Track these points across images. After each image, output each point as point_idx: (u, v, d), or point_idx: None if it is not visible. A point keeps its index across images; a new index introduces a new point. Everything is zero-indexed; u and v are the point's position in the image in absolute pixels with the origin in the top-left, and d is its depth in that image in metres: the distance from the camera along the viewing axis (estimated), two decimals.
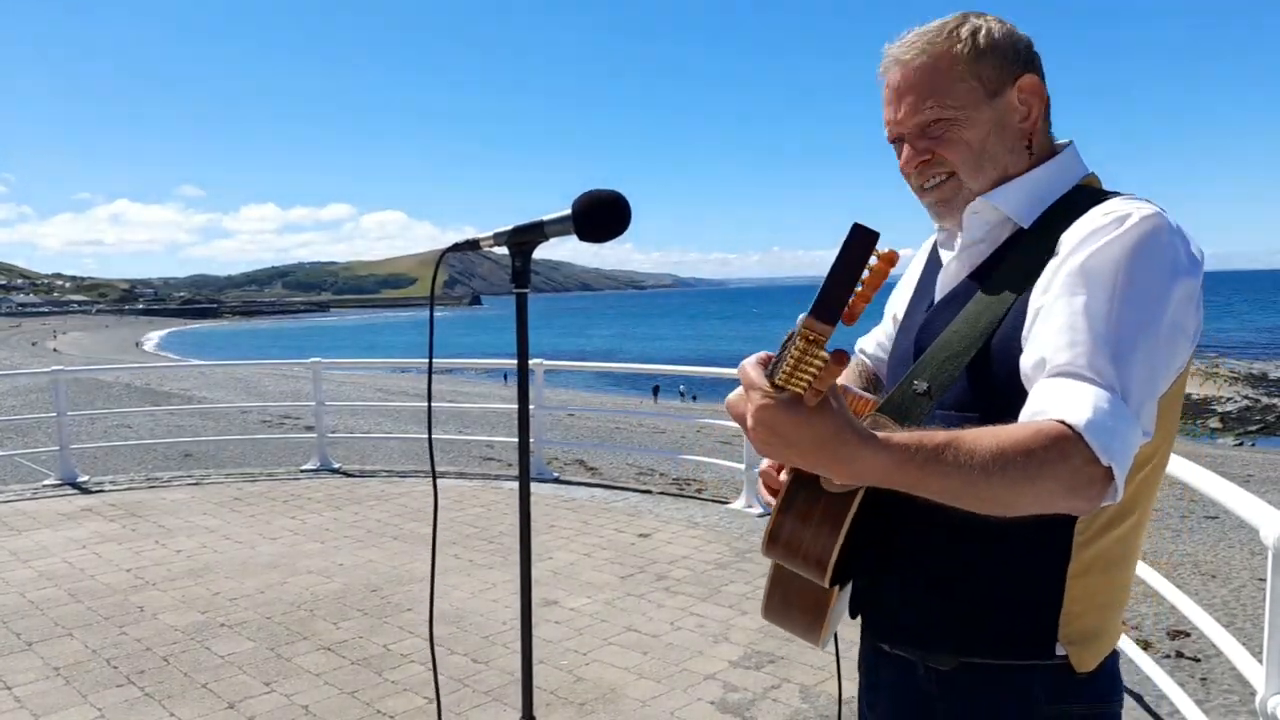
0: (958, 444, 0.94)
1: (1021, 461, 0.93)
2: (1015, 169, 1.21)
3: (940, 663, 1.21)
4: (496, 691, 3.67)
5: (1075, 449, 0.95)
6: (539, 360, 7.86)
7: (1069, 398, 0.99)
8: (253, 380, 23.91)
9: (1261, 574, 5.45)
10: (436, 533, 1.69)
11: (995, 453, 0.93)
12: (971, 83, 1.19)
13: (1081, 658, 1.15)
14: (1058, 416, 0.97)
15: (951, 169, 1.22)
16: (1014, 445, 0.94)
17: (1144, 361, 1.02)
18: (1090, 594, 1.14)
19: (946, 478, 0.93)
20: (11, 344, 53.54)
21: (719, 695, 3.61)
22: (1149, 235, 1.05)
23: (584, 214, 1.46)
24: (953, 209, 1.25)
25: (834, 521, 1.11)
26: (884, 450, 0.92)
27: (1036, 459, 0.93)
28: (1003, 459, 0.93)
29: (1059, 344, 1.03)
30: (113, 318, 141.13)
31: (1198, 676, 3.91)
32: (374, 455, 11.18)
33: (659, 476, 9.69)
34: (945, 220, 1.28)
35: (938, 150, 1.21)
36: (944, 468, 0.93)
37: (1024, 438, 0.95)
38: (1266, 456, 14.92)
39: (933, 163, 1.23)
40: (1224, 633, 2.76)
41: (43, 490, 7.53)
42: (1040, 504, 0.97)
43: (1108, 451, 0.95)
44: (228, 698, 3.63)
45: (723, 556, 5.46)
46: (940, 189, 1.24)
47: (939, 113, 1.20)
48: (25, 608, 4.67)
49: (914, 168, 1.24)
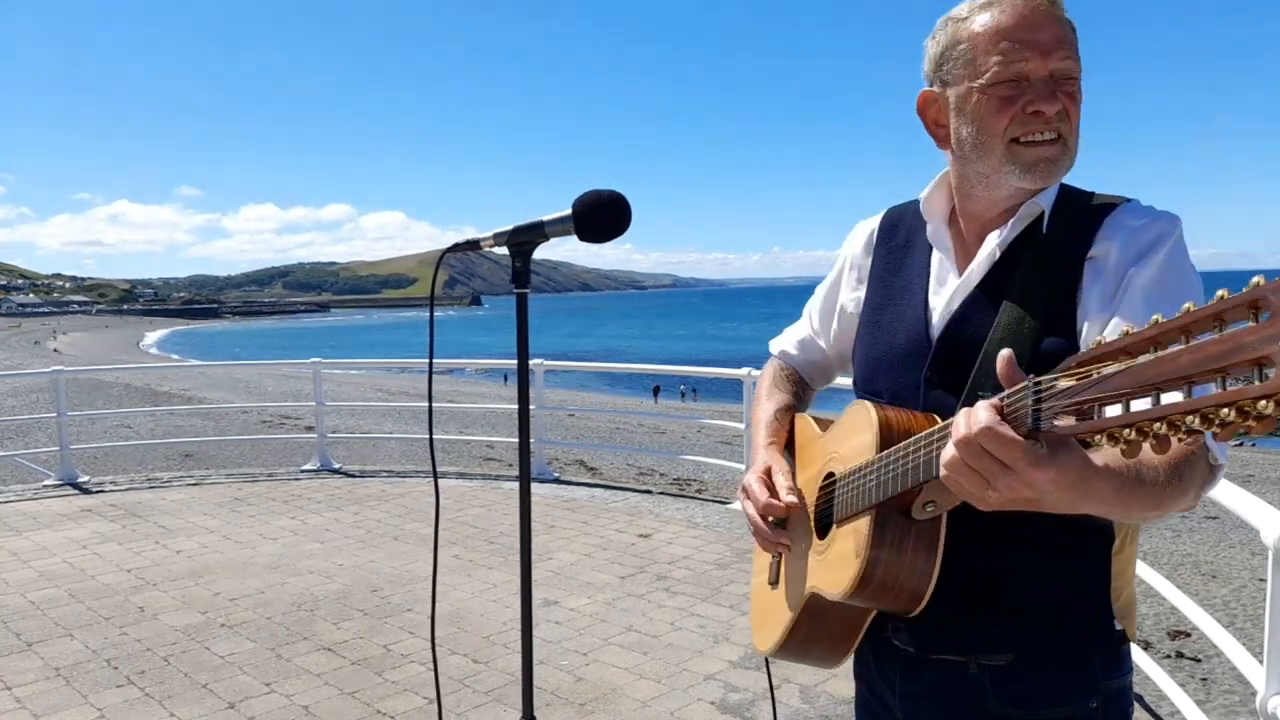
0: (1142, 462, 0.95)
1: (1184, 474, 0.98)
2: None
3: (993, 660, 1.20)
4: (497, 692, 3.67)
5: (1203, 454, 1.01)
6: (539, 360, 7.87)
7: None
8: (253, 380, 23.91)
9: (1262, 574, 5.45)
10: (438, 533, 1.69)
11: (1169, 469, 0.97)
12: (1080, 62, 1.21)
13: (1130, 627, 1.22)
14: None
15: (1065, 132, 1.18)
16: (1174, 460, 0.98)
17: None
18: (1123, 566, 1.21)
19: (1146, 498, 0.96)
20: (12, 344, 53.55)
21: (719, 695, 3.61)
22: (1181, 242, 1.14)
23: (584, 214, 1.46)
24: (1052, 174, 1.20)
25: (930, 548, 1.12)
26: (1110, 478, 0.92)
27: (1188, 469, 0.99)
28: (1173, 475, 0.97)
29: None
30: (113, 318, 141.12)
31: (1198, 677, 3.91)
32: (374, 455, 11.18)
33: (659, 476, 9.69)
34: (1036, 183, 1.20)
35: (1069, 109, 1.18)
36: (1145, 487, 0.96)
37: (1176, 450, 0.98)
38: (1267, 456, 14.92)
39: (1060, 116, 1.18)
40: (1224, 633, 2.76)
41: (43, 491, 7.53)
42: (1184, 504, 1.02)
43: (1221, 451, 1.02)
44: (228, 698, 3.63)
45: (723, 557, 5.45)
46: (1050, 147, 1.19)
47: (1077, 70, 1.18)
48: (25, 608, 4.67)
49: (1054, 112, 1.17)
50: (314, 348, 53.87)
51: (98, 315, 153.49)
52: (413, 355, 43.09)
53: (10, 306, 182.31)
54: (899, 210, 1.42)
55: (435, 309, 1.72)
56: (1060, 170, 1.20)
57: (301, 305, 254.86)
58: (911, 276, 1.33)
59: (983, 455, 0.87)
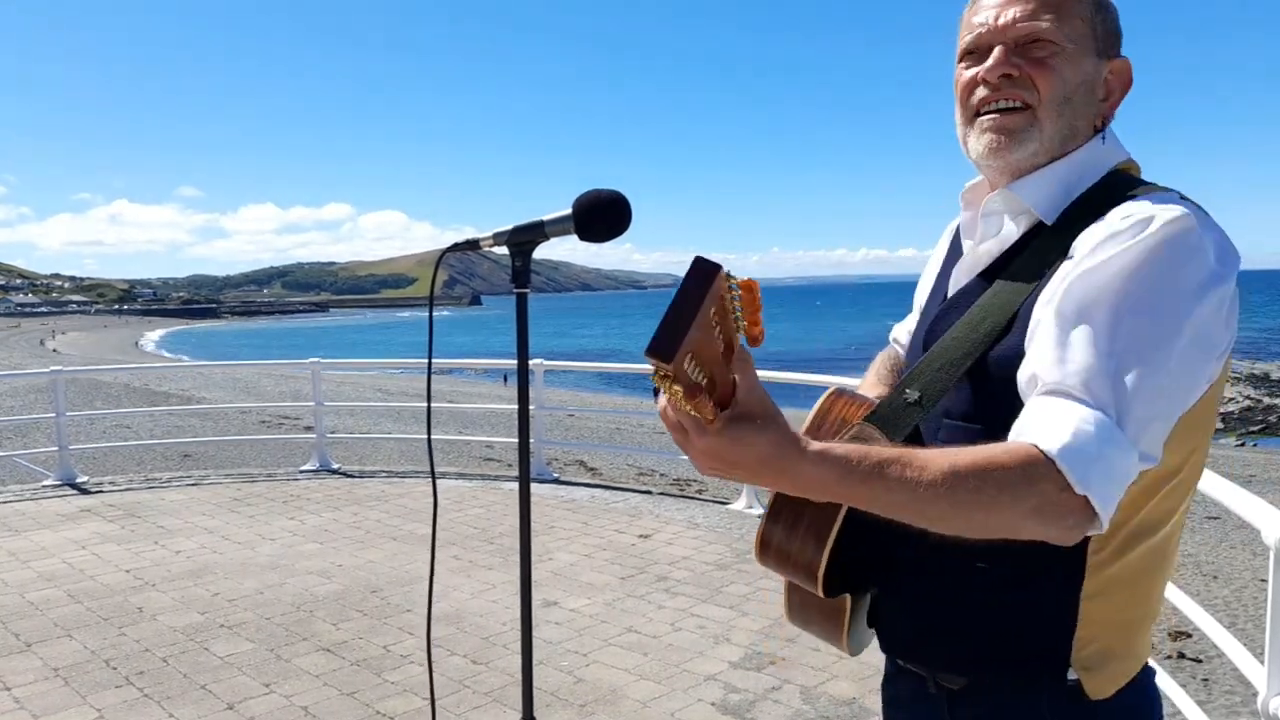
0: (907, 460, 0.90)
1: (974, 484, 0.89)
2: (1079, 144, 1.12)
3: (949, 681, 1.16)
4: (496, 693, 3.67)
5: (1046, 475, 0.89)
6: (539, 360, 7.86)
7: (1051, 419, 0.93)
8: (252, 381, 23.90)
9: (1263, 575, 5.45)
10: (436, 534, 1.69)
11: (946, 473, 0.89)
12: (1087, 27, 1.10)
13: (1097, 683, 1.07)
14: (1032, 440, 0.92)
15: (1033, 100, 1.09)
16: (970, 467, 0.89)
17: (1150, 382, 0.93)
18: (1107, 615, 1.07)
19: (890, 493, 0.89)
20: (11, 344, 53.52)
21: (719, 696, 3.61)
22: (1170, 242, 0.96)
23: (585, 214, 1.45)
24: (1010, 148, 1.11)
25: (820, 531, 1.09)
26: (824, 464, 0.89)
27: (993, 483, 0.89)
28: (952, 480, 0.88)
29: (1052, 359, 0.96)
30: (112, 318, 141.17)
31: (1199, 677, 3.90)
32: (373, 456, 11.17)
33: (659, 477, 9.68)
34: (994, 159, 1.13)
35: (1032, 73, 1.09)
36: (887, 483, 0.89)
37: (985, 460, 0.90)
38: (1268, 456, 14.91)
39: (1018, 82, 1.10)
40: (1226, 633, 2.76)
41: (42, 491, 7.53)
42: (1005, 528, 0.91)
43: (1084, 481, 0.89)
44: (227, 699, 3.62)
45: (723, 557, 5.45)
46: (1009, 116, 1.10)
47: (1052, 33, 1.08)
48: (24, 608, 4.67)
49: (997, 77, 1.10)
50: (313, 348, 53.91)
51: (96, 315, 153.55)
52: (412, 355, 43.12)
53: (9, 306, 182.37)
54: None
55: (435, 309, 1.71)
56: (1022, 144, 1.10)
57: (301, 305, 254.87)
58: (946, 274, 1.28)
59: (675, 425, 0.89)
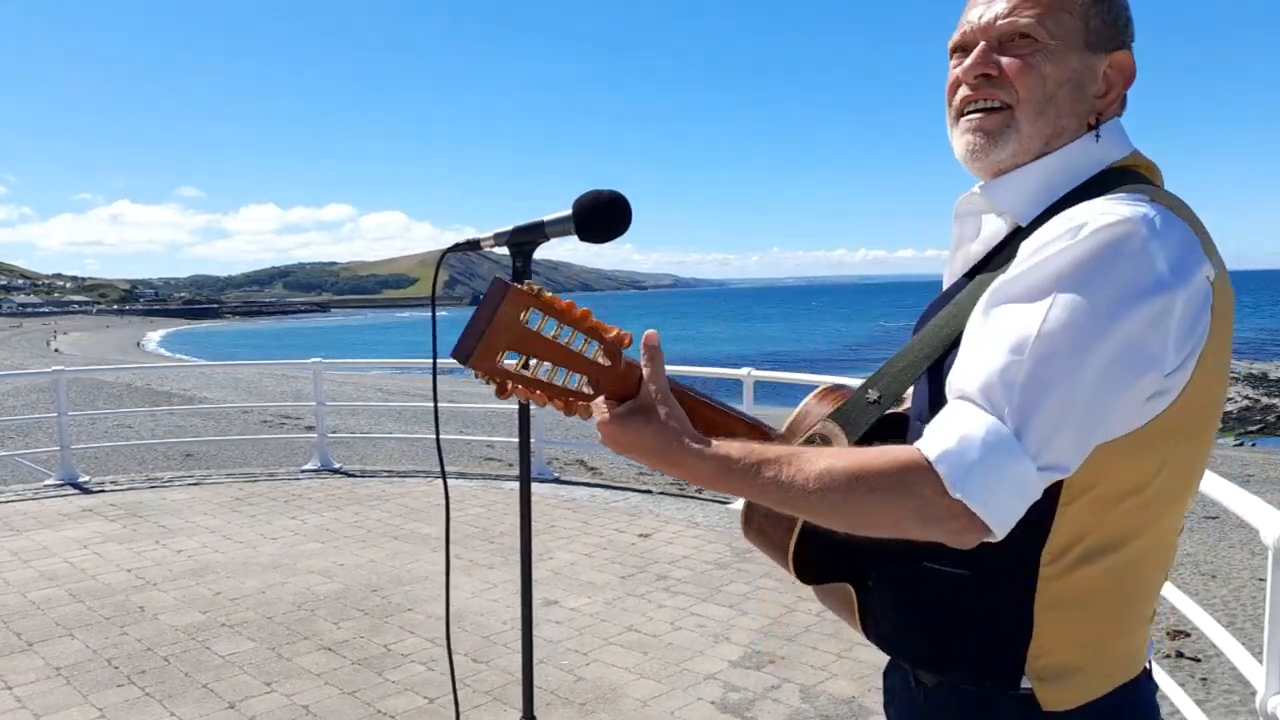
0: (787, 460, 0.96)
1: (846, 486, 0.93)
2: (1067, 142, 1.09)
3: (925, 677, 1.17)
4: (497, 691, 3.68)
5: (923, 479, 0.91)
6: None
7: (945, 424, 0.94)
8: (253, 380, 23.90)
9: (1261, 574, 5.45)
10: (449, 532, 1.70)
11: (819, 474, 0.94)
12: (1077, 22, 1.07)
13: (1052, 694, 1.05)
14: (919, 444, 0.94)
15: (1011, 100, 1.08)
16: (846, 469, 0.94)
17: (1056, 392, 0.91)
18: (1066, 629, 1.04)
19: (764, 491, 0.97)
20: (13, 344, 53.55)
21: (719, 695, 3.62)
22: (1103, 247, 0.92)
23: (585, 214, 1.46)
24: (988, 150, 1.10)
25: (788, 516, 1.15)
26: (704, 459, 0.98)
27: (865, 485, 0.93)
28: (826, 480, 0.94)
29: (964, 365, 0.97)
30: (114, 318, 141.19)
31: (1198, 676, 3.91)
32: (374, 455, 11.17)
33: (659, 476, 9.68)
34: (974, 162, 1.12)
35: (1010, 72, 1.07)
36: (761, 481, 0.96)
37: (863, 462, 0.94)
38: (1267, 456, 14.90)
39: (994, 82, 1.08)
40: (1224, 633, 2.76)
41: (44, 490, 7.54)
42: (886, 529, 0.95)
43: (960, 485, 0.90)
44: (228, 698, 3.63)
45: (723, 556, 5.46)
46: (988, 117, 1.09)
47: (1032, 29, 1.06)
48: (26, 608, 4.68)
49: (973, 76, 1.09)
50: (314, 348, 53.93)
51: (98, 315, 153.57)
52: (413, 355, 43.11)
53: (11, 306, 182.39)
54: None
55: (436, 309, 1.72)
56: (1000, 145, 1.09)
57: (302, 305, 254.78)
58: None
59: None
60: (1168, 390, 0.97)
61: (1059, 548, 1.02)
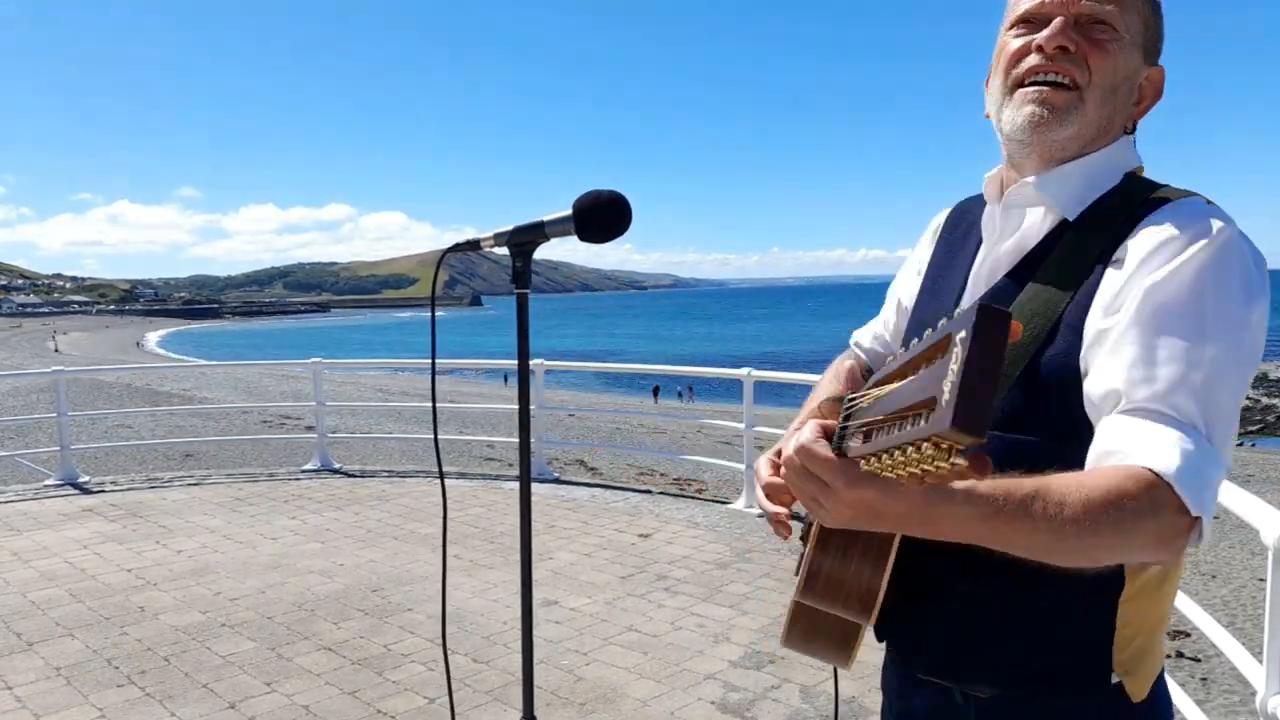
0: (1045, 494, 0.85)
1: (1114, 515, 0.85)
2: (1111, 138, 1.11)
3: (978, 691, 1.14)
4: (497, 691, 3.67)
5: (1167, 500, 0.87)
6: (539, 360, 7.87)
7: (1152, 441, 0.90)
8: (253, 380, 23.91)
9: (1261, 574, 5.45)
10: (446, 532, 1.70)
11: (1085, 505, 0.85)
12: (1141, 25, 1.10)
13: (1136, 685, 1.08)
14: (1144, 463, 0.89)
15: (1083, 81, 1.07)
16: (1104, 497, 0.86)
17: (1229, 395, 0.94)
18: (1141, 616, 1.07)
19: (1035, 533, 0.85)
20: (12, 344, 53.53)
21: (719, 695, 3.62)
22: (1227, 256, 0.96)
23: (585, 214, 1.46)
24: (1051, 126, 1.08)
25: (878, 557, 1.05)
26: (970, 504, 0.84)
27: (1130, 512, 0.86)
28: (1094, 512, 0.85)
29: (1135, 377, 0.94)
30: (113, 318, 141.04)
31: (1198, 676, 3.91)
32: (374, 455, 11.18)
33: (659, 476, 9.68)
34: (1034, 133, 1.09)
35: (1089, 52, 1.07)
36: (1032, 521, 0.84)
37: (1113, 488, 0.86)
38: (1266, 456, 14.90)
39: (1073, 59, 1.07)
40: (1224, 633, 2.76)
41: (44, 490, 7.54)
42: (1126, 556, 0.91)
43: (1199, 503, 0.87)
44: (228, 698, 3.63)
45: (723, 556, 5.46)
46: (1056, 92, 1.08)
47: (1115, 18, 1.07)
48: (26, 608, 4.68)
49: (1054, 47, 1.07)
50: (314, 347, 53.90)
51: (98, 315, 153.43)
52: (412, 355, 43.11)
53: (11, 307, 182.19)
54: (970, 200, 1.33)
55: (435, 309, 1.72)
56: (1064, 123, 1.08)
57: (302, 305, 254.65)
58: (960, 266, 1.24)
59: (803, 473, 0.85)
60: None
61: None
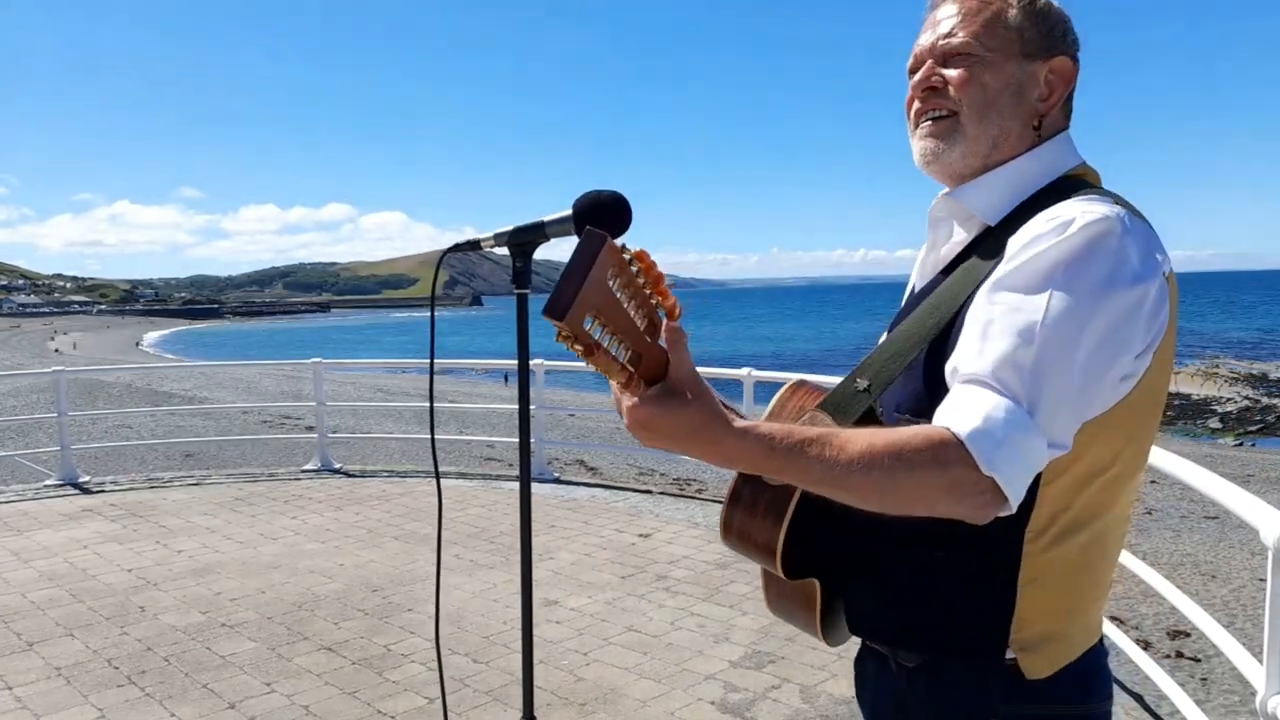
0: (828, 439, 0.96)
1: (888, 463, 0.95)
2: (1014, 143, 1.18)
3: (906, 659, 1.23)
4: (497, 691, 3.68)
5: (956, 456, 0.95)
6: (539, 360, 7.87)
7: (965, 405, 0.99)
8: (254, 380, 23.91)
9: (1261, 574, 5.45)
10: (441, 532, 1.70)
11: (863, 451, 0.95)
12: (1012, 34, 1.17)
13: (1033, 663, 1.13)
14: (945, 423, 0.98)
15: (956, 108, 1.18)
16: (886, 446, 0.95)
17: (1059, 374, 1.00)
18: (1046, 601, 1.12)
19: (808, 470, 0.95)
20: (13, 344, 53.54)
21: (719, 695, 3.62)
22: (1090, 243, 1.02)
23: (585, 214, 1.46)
24: (939, 154, 1.20)
25: (777, 511, 1.15)
26: (748, 439, 0.94)
27: (906, 462, 0.95)
28: (869, 458, 0.94)
29: (972, 351, 1.03)
30: (114, 318, 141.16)
31: (1198, 676, 3.91)
32: (375, 455, 11.18)
33: (659, 476, 9.68)
34: (932, 167, 1.22)
35: (953, 83, 1.18)
36: (806, 460, 0.95)
37: (900, 440, 0.96)
38: (1266, 457, 14.90)
39: (940, 93, 1.19)
40: (1224, 633, 2.77)
41: (44, 490, 7.54)
42: (920, 506, 0.98)
43: (991, 462, 0.95)
44: (229, 698, 3.63)
45: (723, 556, 5.46)
46: (937, 124, 1.20)
47: (969, 46, 1.17)
48: (26, 608, 4.68)
49: (920, 92, 1.21)
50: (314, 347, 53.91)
51: (99, 315, 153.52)
52: (413, 355, 43.16)
53: (11, 307, 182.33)
54: None
55: (435, 309, 1.72)
56: (950, 147, 1.18)
57: (302, 305, 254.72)
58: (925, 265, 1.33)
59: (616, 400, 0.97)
60: (1134, 374, 1.07)
61: (1040, 525, 1.10)
